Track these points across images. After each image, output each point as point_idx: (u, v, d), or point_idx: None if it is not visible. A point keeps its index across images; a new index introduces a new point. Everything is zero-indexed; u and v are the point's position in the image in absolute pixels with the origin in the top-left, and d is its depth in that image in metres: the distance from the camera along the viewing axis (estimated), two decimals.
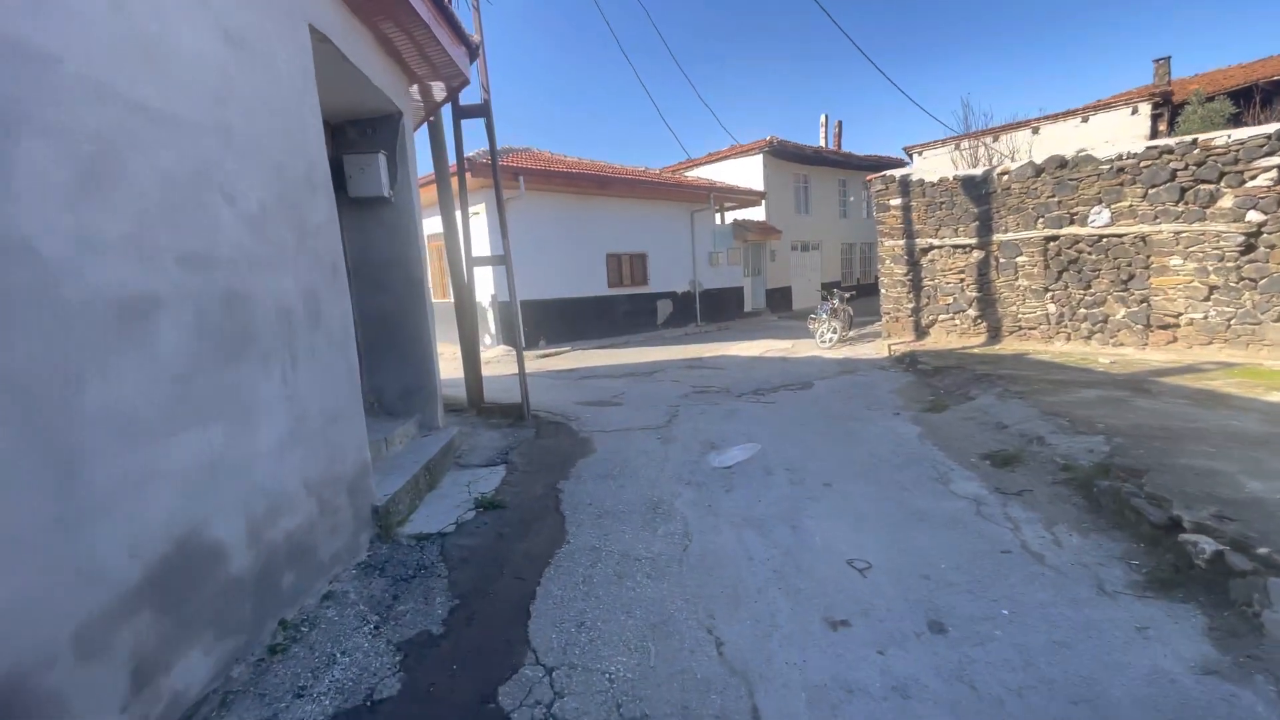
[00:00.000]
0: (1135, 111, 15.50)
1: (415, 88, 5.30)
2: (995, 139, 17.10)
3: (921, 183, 9.20)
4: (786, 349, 11.94)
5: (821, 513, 3.76)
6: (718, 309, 17.27)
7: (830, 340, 11.52)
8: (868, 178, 9.67)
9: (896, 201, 9.55)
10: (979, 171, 8.65)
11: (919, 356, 8.50)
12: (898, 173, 9.40)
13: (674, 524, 3.71)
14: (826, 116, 23.75)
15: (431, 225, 15.21)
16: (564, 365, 11.16)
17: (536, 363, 11.54)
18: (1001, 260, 8.56)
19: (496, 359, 11.96)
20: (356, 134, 4.89)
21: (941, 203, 9.02)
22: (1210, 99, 18.85)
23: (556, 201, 13.35)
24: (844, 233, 23.54)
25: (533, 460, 5.19)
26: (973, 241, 8.79)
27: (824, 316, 12.07)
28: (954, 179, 8.86)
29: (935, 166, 16.84)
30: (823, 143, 23.65)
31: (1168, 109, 15.71)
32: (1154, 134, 15.06)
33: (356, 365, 3.48)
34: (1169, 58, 16.38)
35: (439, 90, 5.52)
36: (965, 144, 17.50)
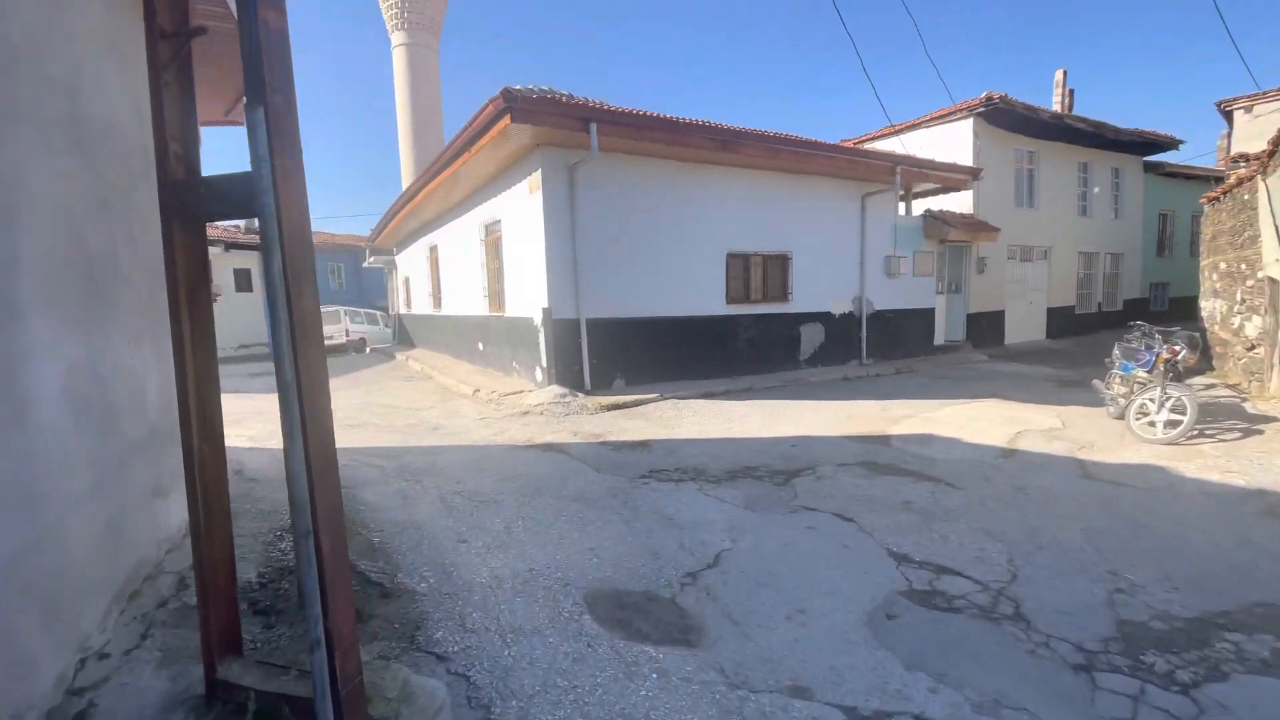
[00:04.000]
0: None
1: None
2: None
3: None
4: (1055, 430, 6.23)
5: None
6: (894, 340, 11.60)
7: (1176, 429, 5.60)
8: None
9: None
10: None
11: None
12: None
13: None
14: (1065, 73, 16.84)
15: (491, 210, 11.35)
16: (634, 433, 6.44)
17: (594, 421, 6.95)
18: None
19: (541, 410, 7.56)
20: None
21: None
22: None
23: (650, 170, 8.76)
24: (1083, 237, 16.46)
25: None
26: None
27: (1140, 374, 6.20)
28: None
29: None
30: (1057, 108, 16.80)
31: None
32: None
33: None
34: None
35: None
36: None
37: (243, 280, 31.77)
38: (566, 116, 7.36)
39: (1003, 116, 13.17)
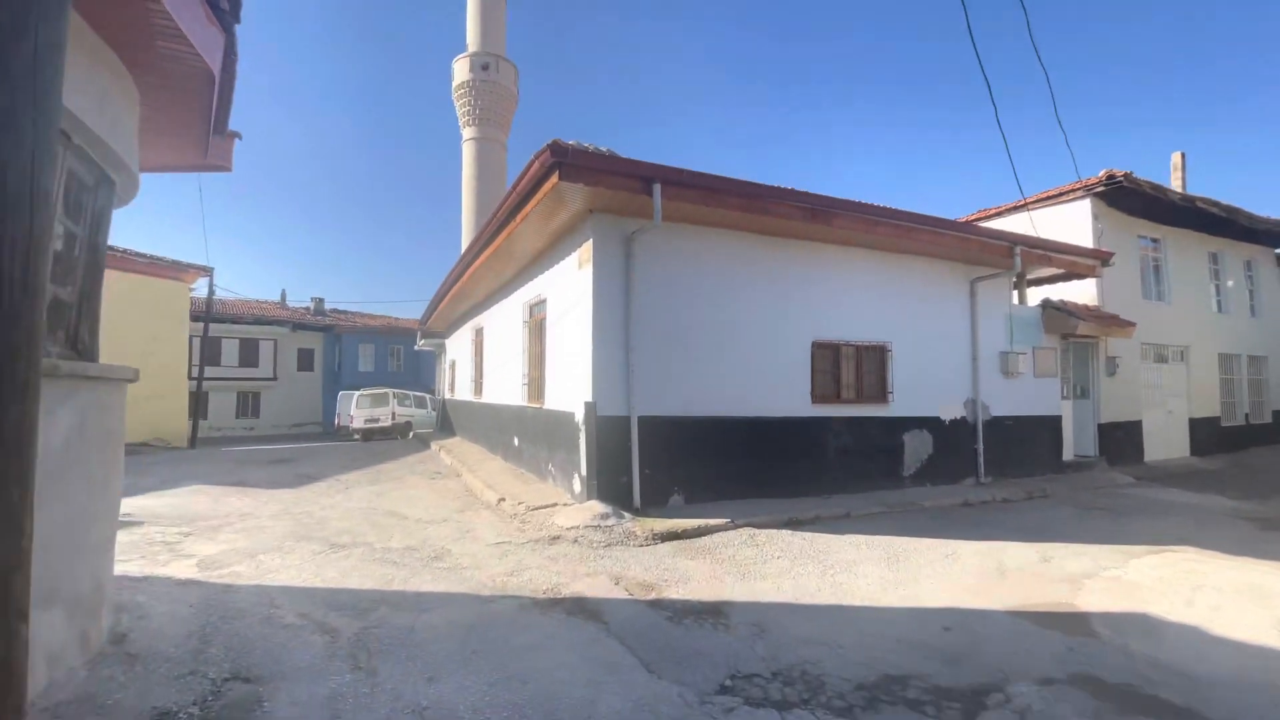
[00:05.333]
0: None
1: None
2: None
3: None
4: None
5: None
6: (1016, 454, 9.41)
7: None
8: None
9: None
10: None
11: None
12: None
13: None
14: (1183, 156, 15.11)
15: (536, 288, 8.90)
16: (700, 584, 4.60)
17: (644, 559, 5.14)
18: None
19: (575, 537, 5.84)
20: None
21: None
22: None
23: (721, 244, 7.41)
24: (1222, 338, 14.02)
25: None
26: None
27: None
28: None
29: None
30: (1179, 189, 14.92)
31: None
32: None
33: None
34: None
35: None
36: None
37: (305, 360, 32.21)
38: (625, 175, 6.15)
39: (1125, 198, 11.44)
